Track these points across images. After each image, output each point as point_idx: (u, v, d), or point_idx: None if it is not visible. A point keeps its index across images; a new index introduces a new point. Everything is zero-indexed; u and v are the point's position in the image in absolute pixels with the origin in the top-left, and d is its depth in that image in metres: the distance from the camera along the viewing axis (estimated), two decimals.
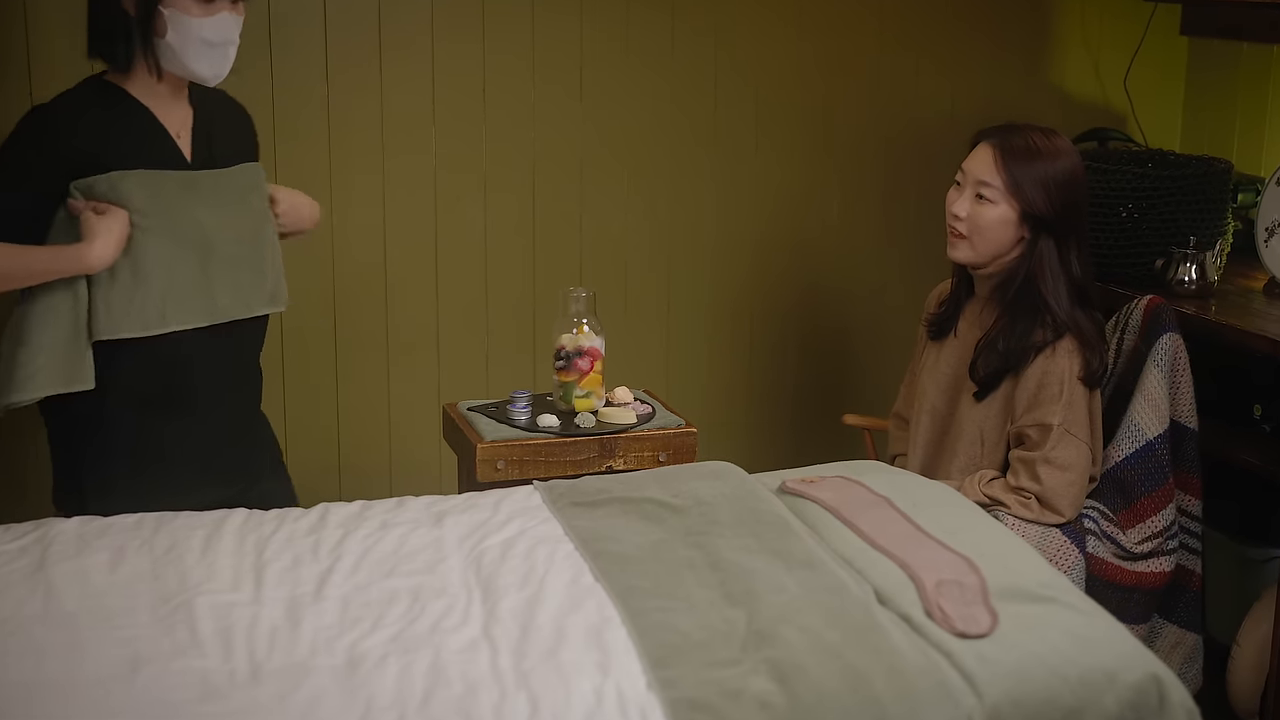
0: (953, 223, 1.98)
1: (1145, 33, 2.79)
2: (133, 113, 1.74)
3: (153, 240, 1.70)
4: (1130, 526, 1.98)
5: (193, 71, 1.72)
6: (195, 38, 1.68)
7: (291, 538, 1.59)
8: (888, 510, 1.63)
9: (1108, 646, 1.38)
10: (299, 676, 1.29)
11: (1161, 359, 1.99)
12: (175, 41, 1.68)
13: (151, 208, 1.70)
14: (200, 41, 1.69)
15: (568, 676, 1.29)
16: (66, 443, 1.79)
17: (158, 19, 1.68)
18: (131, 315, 1.70)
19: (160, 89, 1.75)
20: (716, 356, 2.75)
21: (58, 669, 1.30)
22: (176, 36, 1.68)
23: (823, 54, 2.69)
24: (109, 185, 1.69)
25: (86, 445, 1.76)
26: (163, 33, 1.68)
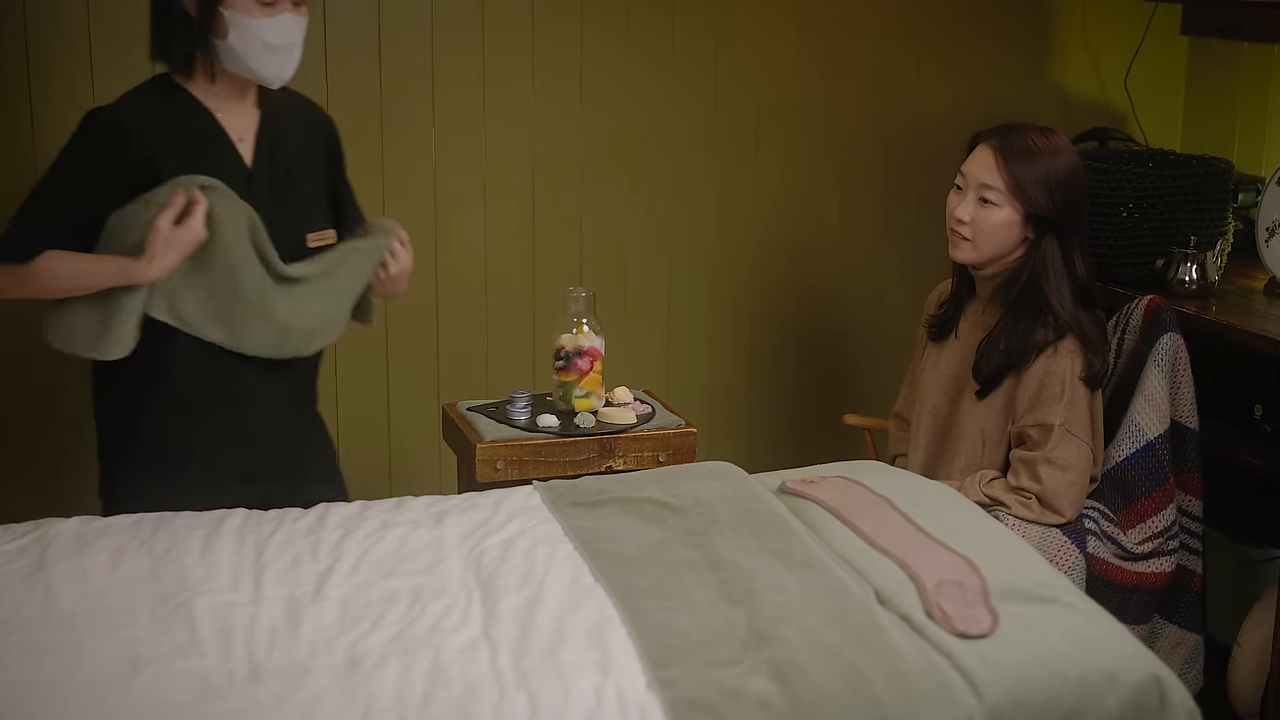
0: (956, 227, 1.97)
1: (1146, 32, 2.79)
2: (193, 114, 1.70)
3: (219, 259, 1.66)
4: (1131, 527, 1.97)
5: (255, 73, 1.68)
6: (257, 40, 1.65)
7: (291, 538, 1.59)
8: (888, 510, 1.63)
9: (1108, 647, 1.38)
10: (299, 677, 1.29)
11: (1162, 359, 1.99)
12: (237, 43, 1.65)
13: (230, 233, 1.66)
14: (262, 44, 1.65)
15: (567, 677, 1.29)
16: (111, 431, 1.77)
17: (218, 21, 1.64)
18: (188, 310, 1.66)
19: (223, 91, 1.71)
20: (716, 357, 2.75)
21: (57, 669, 1.30)
22: (238, 38, 1.64)
23: (823, 55, 2.69)
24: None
25: (130, 435, 1.74)
26: (224, 35, 1.65)
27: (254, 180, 1.74)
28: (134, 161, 1.66)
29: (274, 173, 1.75)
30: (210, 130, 1.71)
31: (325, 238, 1.80)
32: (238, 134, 1.73)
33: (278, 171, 1.76)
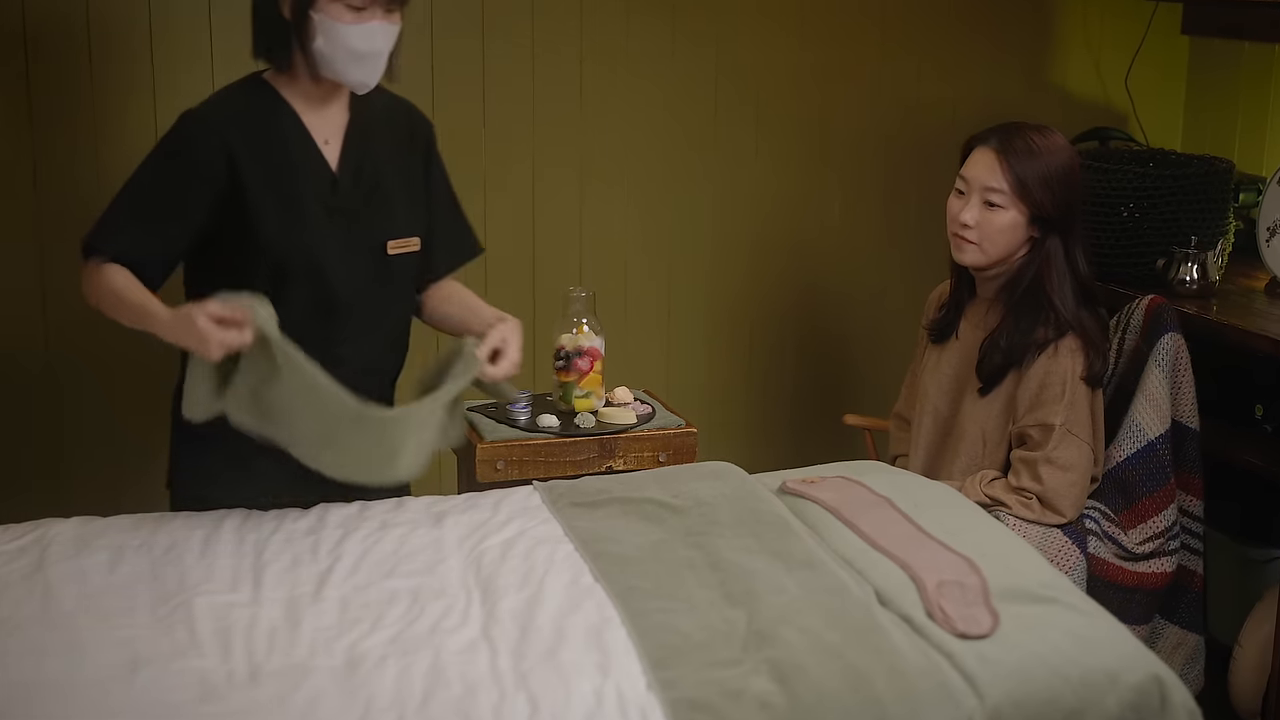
0: (961, 231, 1.96)
1: (1146, 32, 2.78)
2: (278, 115, 1.69)
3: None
4: (1132, 527, 1.97)
5: (342, 78, 1.66)
6: (343, 46, 1.62)
7: (290, 538, 1.58)
8: (888, 511, 1.62)
9: (1109, 647, 1.38)
10: (298, 677, 1.29)
11: (1163, 359, 1.99)
12: (324, 48, 1.63)
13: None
14: (347, 50, 1.62)
15: (567, 677, 1.29)
16: (178, 425, 1.75)
17: (308, 24, 1.63)
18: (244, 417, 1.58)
19: (314, 92, 1.69)
20: (716, 357, 2.75)
21: (57, 669, 1.29)
22: (325, 43, 1.63)
23: (823, 56, 2.69)
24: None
25: (192, 432, 1.70)
26: (312, 38, 1.63)
27: (338, 183, 1.71)
28: (214, 161, 1.64)
29: (359, 177, 1.72)
30: (294, 132, 1.69)
31: (408, 245, 1.76)
32: (324, 136, 1.71)
33: (364, 175, 1.72)
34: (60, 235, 2.36)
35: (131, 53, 2.29)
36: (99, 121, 2.33)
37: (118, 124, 2.35)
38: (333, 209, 1.70)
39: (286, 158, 1.68)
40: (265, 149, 1.67)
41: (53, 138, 2.31)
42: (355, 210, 1.71)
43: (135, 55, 2.29)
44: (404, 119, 1.81)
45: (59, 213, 2.34)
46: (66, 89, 2.28)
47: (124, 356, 2.41)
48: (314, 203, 1.69)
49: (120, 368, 2.41)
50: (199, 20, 2.27)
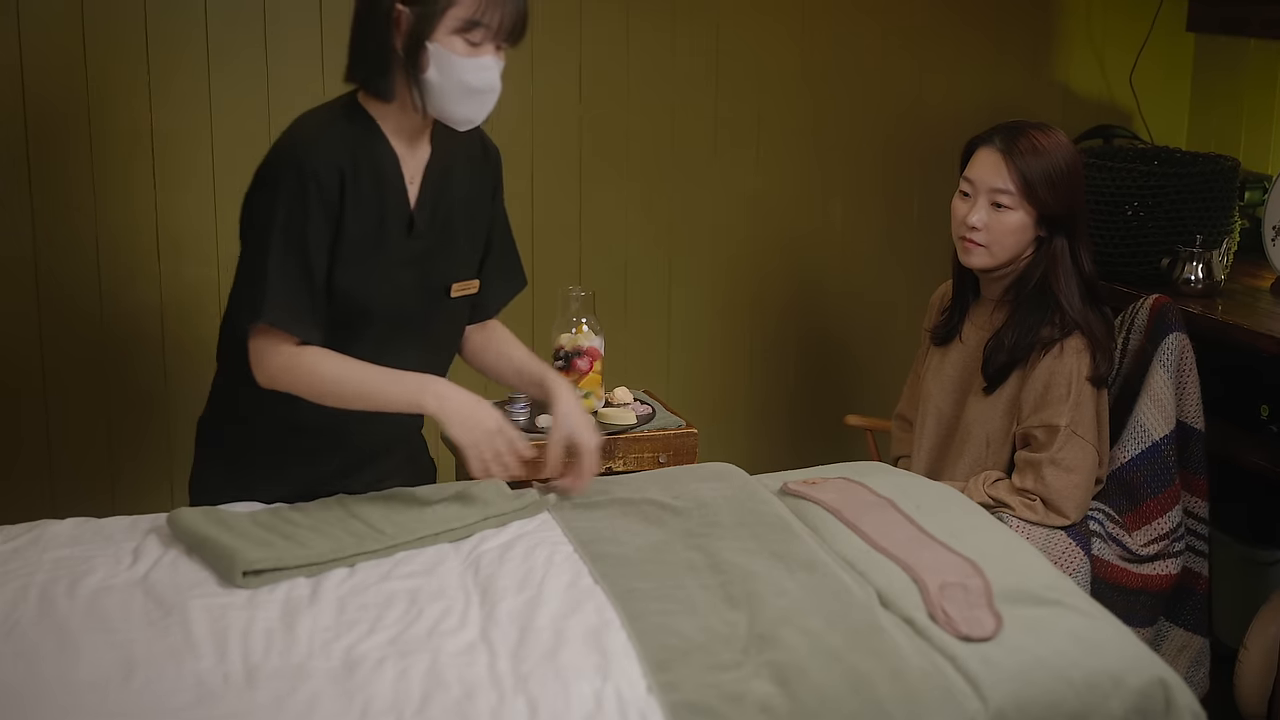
0: (968, 234, 1.94)
1: (1151, 29, 2.77)
2: (380, 152, 1.60)
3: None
4: (1136, 528, 1.96)
5: (449, 114, 1.58)
6: (457, 79, 1.54)
7: None
8: (890, 512, 1.61)
9: (1113, 650, 1.37)
10: (295, 680, 1.28)
11: (1167, 359, 1.98)
12: (436, 80, 1.55)
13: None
14: (461, 84, 1.55)
15: (567, 680, 1.28)
16: (222, 427, 1.72)
17: (423, 55, 1.54)
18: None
19: (409, 126, 1.61)
20: (717, 357, 2.74)
21: (52, 672, 1.29)
22: (438, 76, 1.54)
23: (824, 54, 2.68)
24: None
25: (240, 441, 1.70)
26: (425, 69, 1.55)
27: (414, 224, 1.63)
28: (335, 194, 1.56)
29: (434, 217, 1.65)
30: (390, 169, 1.61)
31: (469, 287, 1.71)
32: (410, 173, 1.63)
33: (438, 216, 1.65)
34: (59, 234, 2.36)
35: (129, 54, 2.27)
36: (95, 118, 2.33)
37: (111, 123, 2.34)
38: (406, 250, 1.63)
39: (379, 195, 1.60)
40: (367, 185, 1.59)
41: (47, 135, 2.31)
42: (427, 251, 1.65)
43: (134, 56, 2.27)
44: (480, 150, 1.73)
45: (57, 210, 2.34)
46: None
47: (120, 356, 2.41)
48: (391, 243, 1.62)
49: (116, 368, 2.41)
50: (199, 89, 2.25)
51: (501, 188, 1.78)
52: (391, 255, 1.62)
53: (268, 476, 1.68)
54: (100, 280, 2.36)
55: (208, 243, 2.40)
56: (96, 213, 2.34)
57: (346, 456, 1.71)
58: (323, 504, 1.62)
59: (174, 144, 2.36)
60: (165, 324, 2.41)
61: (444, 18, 1.53)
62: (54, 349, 2.37)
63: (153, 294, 2.39)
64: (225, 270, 2.43)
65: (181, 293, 2.41)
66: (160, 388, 2.43)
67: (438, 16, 1.53)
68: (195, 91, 2.35)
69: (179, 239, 2.39)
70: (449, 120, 1.60)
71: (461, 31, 1.54)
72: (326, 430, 1.67)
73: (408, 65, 1.56)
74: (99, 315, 2.37)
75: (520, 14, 1.57)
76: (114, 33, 2.28)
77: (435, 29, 1.53)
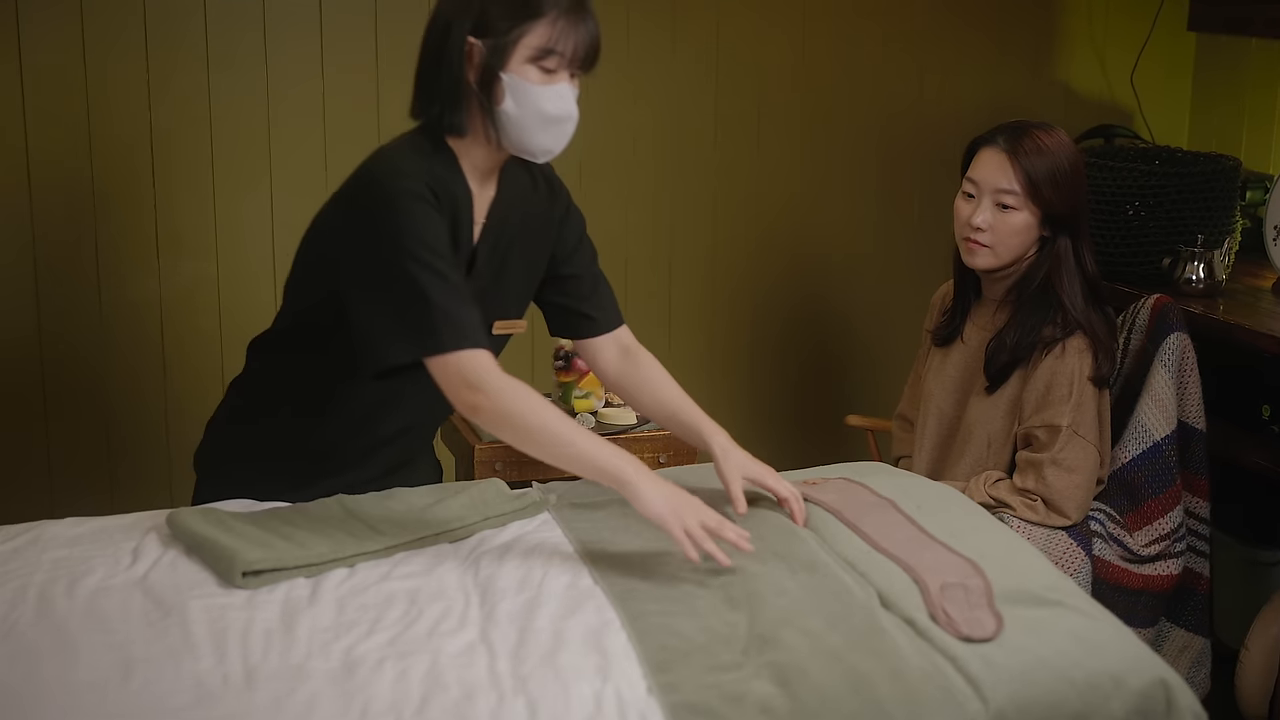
0: (973, 234, 1.94)
1: (1152, 28, 2.77)
2: (457, 182, 1.55)
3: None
4: (1137, 529, 1.96)
5: (527, 145, 1.54)
6: (534, 109, 1.50)
7: None
8: (891, 513, 1.61)
9: (1114, 650, 1.36)
10: (294, 680, 1.28)
11: (1169, 359, 1.97)
12: (512, 111, 1.50)
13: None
14: (538, 113, 1.51)
15: (566, 681, 1.28)
16: (244, 427, 1.70)
17: (497, 86, 1.50)
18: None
19: (487, 161, 1.57)
20: (717, 357, 2.74)
21: (51, 673, 1.28)
22: (515, 107, 1.50)
23: (824, 53, 2.68)
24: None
25: (261, 438, 1.68)
26: (500, 100, 1.51)
27: (475, 262, 1.60)
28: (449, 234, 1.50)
29: (492, 255, 1.62)
30: (465, 207, 1.56)
31: (513, 327, 1.68)
32: (478, 212, 1.59)
33: (495, 254, 1.62)
34: (58, 232, 2.35)
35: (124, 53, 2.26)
36: (94, 118, 2.33)
37: (110, 121, 2.34)
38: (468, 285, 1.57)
39: (457, 237, 1.56)
40: (447, 216, 1.54)
41: (47, 134, 2.31)
42: (481, 290, 1.61)
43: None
44: (541, 188, 1.69)
45: (56, 208, 2.33)
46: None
47: (118, 355, 2.41)
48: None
49: (115, 365, 2.41)
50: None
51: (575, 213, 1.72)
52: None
53: (276, 483, 1.66)
54: (99, 277, 2.36)
55: (207, 239, 2.40)
56: (95, 210, 2.34)
57: (364, 473, 1.69)
58: (322, 504, 1.62)
59: (173, 141, 2.36)
60: (165, 320, 2.41)
61: (517, 47, 1.49)
62: (53, 346, 2.36)
63: (152, 290, 2.39)
64: (224, 267, 2.42)
65: (181, 289, 2.41)
66: (159, 385, 2.43)
67: (511, 47, 1.49)
68: (194, 88, 2.35)
69: (178, 235, 2.39)
70: (527, 152, 1.55)
71: (535, 60, 1.50)
72: (352, 452, 1.66)
73: (482, 98, 1.52)
74: (98, 312, 2.37)
75: (594, 40, 1.54)
76: (113, 31, 2.28)
77: (509, 59, 1.50)
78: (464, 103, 1.53)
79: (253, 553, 1.46)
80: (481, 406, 1.45)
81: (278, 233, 2.43)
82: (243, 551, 1.45)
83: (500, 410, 1.45)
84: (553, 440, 1.46)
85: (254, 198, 2.41)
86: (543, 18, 1.50)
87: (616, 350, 1.75)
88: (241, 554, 1.45)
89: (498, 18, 1.49)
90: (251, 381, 1.72)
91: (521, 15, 1.49)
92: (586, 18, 1.53)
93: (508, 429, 1.47)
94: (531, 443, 1.47)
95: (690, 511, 1.45)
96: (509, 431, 1.47)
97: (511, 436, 1.48)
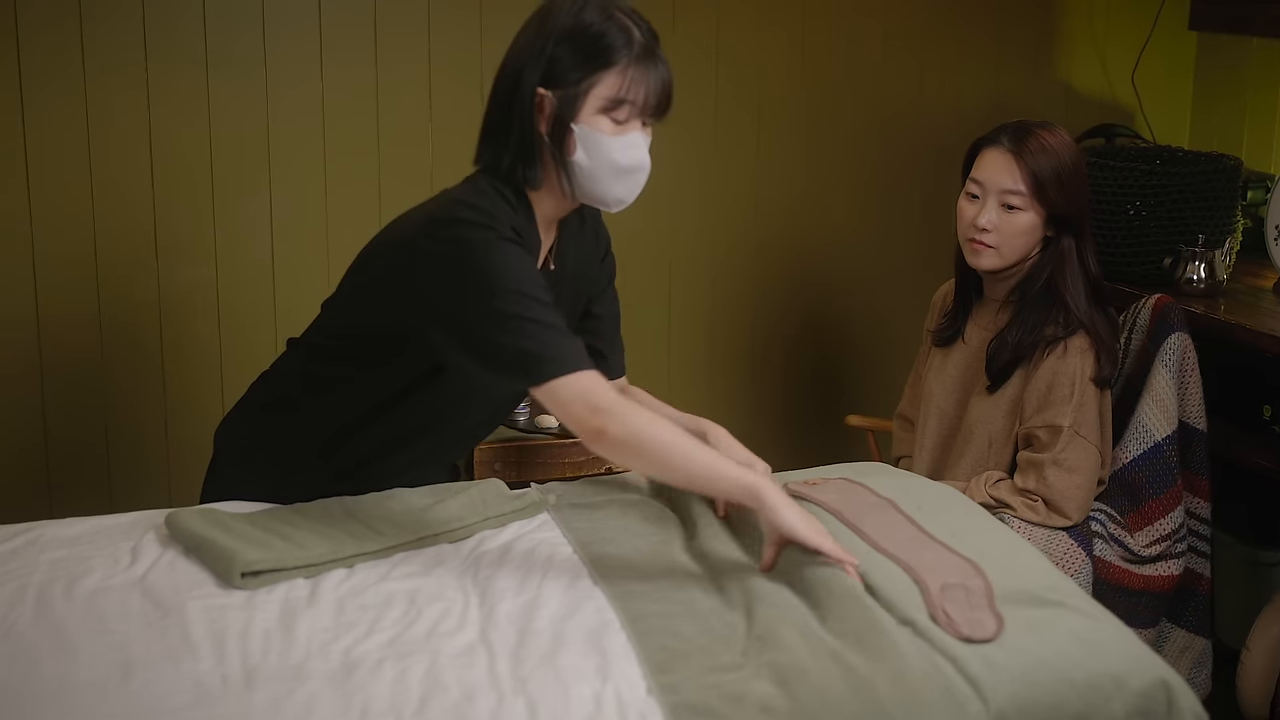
0: (978, 235, 1.93)
1: (1153, 28, 2.77)
2: (530, 229, 1.53)
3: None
4: (1138, 529, 1.95)
5: (600, 196, 1.53)
6: (605, 159, 1.49)
7: None
8: (891, 513, 1.61)
9: (1115, 651, 1.36)
10: (293, 681, 1.28)
11: (1170, 359, 1.97)
12: (584, 162, 1.49)
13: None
14: (610, 164, 1.49)
15: (566, 682, 1.28)
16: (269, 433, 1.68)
17: (569, 138, 1.49)
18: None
19: (557, 210, 1.56)
20: (717, 357, 2.73)
21: (50, 673, 1.28)
22: (586, 158, 1.49)
23: (825, 53, 2.67)
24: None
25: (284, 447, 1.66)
26: (572, 152, 1.50)
27: None
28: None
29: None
30: (534, 253, 1.55)
31: None
32: (542, 257, 1.59)
33: (551, 295, 1.56)
34: (56, 234, 2.35)
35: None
36: (92, 117, 2.33)
37: (108, 122, 2.34)
38: None
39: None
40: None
41: (45, 134, 2.30)
42: None
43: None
44: (589, 234, 1.68)
45: (55, 210, 2.33)
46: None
47: (117, 357, 2.41)
48: None
49: (114, 367, 2.40)
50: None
51: (610, 258, 1.72)
52: None
53: (288, 488, 1.64)
54: (98, 279, 2.36)
55: (205, 242, 2.40)
56: (94, 212, 2.34)
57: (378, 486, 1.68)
58: (321, 504, 1.62)
59: (172, 143, 2.35)
60: (163, 323, 2.41)
61: (588, 98, 1.48)
62: (52, 348, 2.36)
63: (150, 293, 2.39)
64: (223, 269, 2.42)
65: (179, 292, 2.41)
66: (158, 387, 2.42)
67: (581, 97, 1.48)
68: (193, 91, 2.34)
69: (176, 238, 2.39)
70: (600, 202, 1.55)
71: (607, 111, 1.48)
72: (374, 474, 1.64)
73: (553, 149, 1.50)
74: (96, 314, 2.37)
75: (665, 87, 1.51)
76: (111, 32, 2.28)
77: (580, 110, 1.48)
78: (537, 155, 1.51)
79: (252, 553, 1.46)
80: (608, 430, 1.41)
81: (277, 235, 2.43)
82: (242, 552, 1.45)
83: (627, 432, 1.41)
84: (683, 459, 1.43)
85: (253, 200, 2.41)
86: (614, 67, 1.47)
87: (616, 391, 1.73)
88: (240, 554, 1.45)
89: (569, 68, 1.47)
90: (280, 382, 1.70)
91: (592, 65, 1.47)
92: (658, 64, 1.50)
93: (632, 451, 1.43)
94: (658, 464, 1.44)
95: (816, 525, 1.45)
96: (633, 454, 1.43)
97: (635, 459, 1.44)
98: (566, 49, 1.48)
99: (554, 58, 1.48)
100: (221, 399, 2.39)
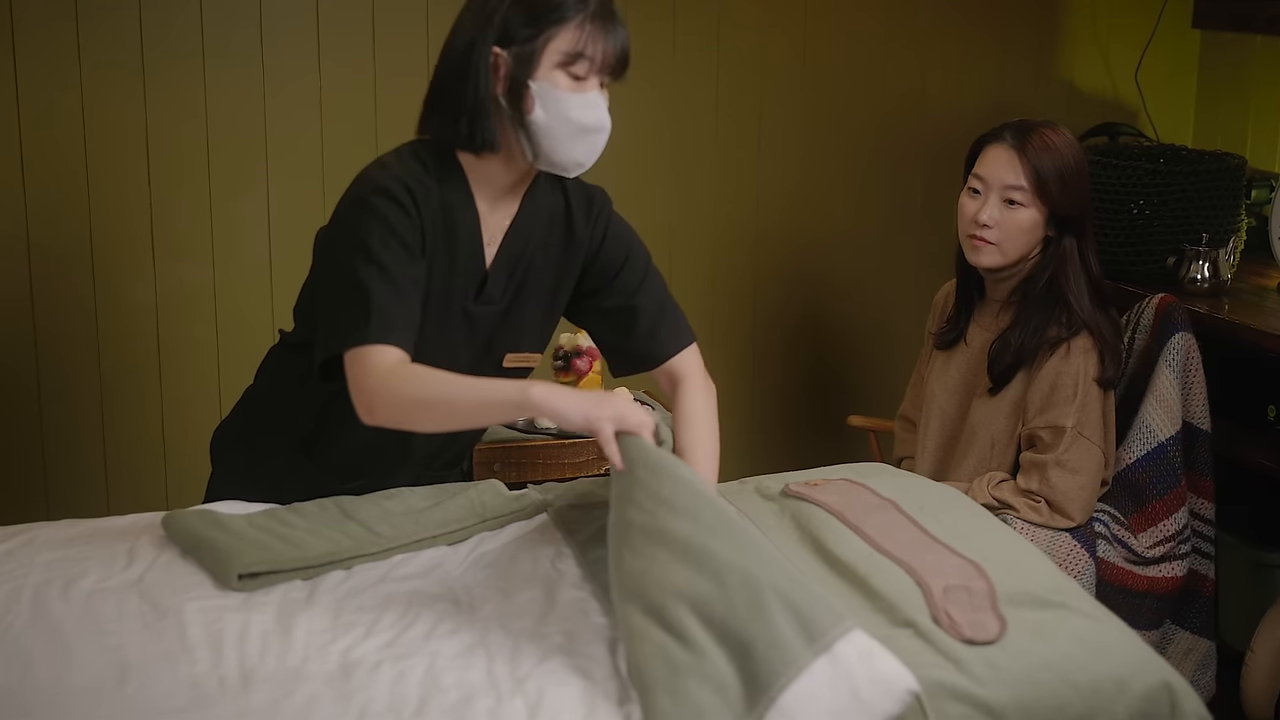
0: (980, 232, 1.92)
1: (1156, 26, 2.76)
2: (458, 199, 1.50)
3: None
4: (1142, 530, 1.94)
5: (559, 158, 1.48)
6: (563, 117, 1.45)
7: None
8: (893, 514, 1.60)
9: (1118, 653, 1.35)
10: (291, 683, 1.27)
11: (1173, 359, 1.96)
12: (543, 120, 1.45)
13: None
14: (568, 122, 1.46)
15: (565, 683, 1.27)
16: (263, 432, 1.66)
17: (526, 95, 1.45)
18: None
19: (501, 180, 1.51)
20: (718, 357, 2.72)
21: (45, 675, 1.27)
22: (545, 115, 1.45)
23: (826, 51, 2.67)
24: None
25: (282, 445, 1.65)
26: (530, 110, 1.45)
27: (485, 288, 1.55)
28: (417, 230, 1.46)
29: (507, 283, 1.56)
30: (468, 230, 1.51)
31: (528, 360, 1.62)
32: (491, 234, 1.53)
33: (510, 282, 1.56)
34: (54, 233, 2.35)
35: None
36: (89, 117, 2.32)
37: (105, 121, 2.33)
38: (470, 314, 1.55)
39: (454, 255, 1.51)
40: (442, 241, 1.50)
41: (42, 134, 2.30)
42: (490, 318, 1.57)
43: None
44: (573, 212, 1.60)
45: (52, 209, 2.32)
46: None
47: (115, 356, 2.40)
48: (458, 306, 1.54)
49: (110, 367, 2.40)
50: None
51: (615, 226, 1.63)
52: (453, 314, 1.53)
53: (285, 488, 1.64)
54: (94, 279, 2.35)
55: (203, 242, 2.39)
56: (91, 212, 2.33)
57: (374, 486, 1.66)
58: (319, 505, 1.61)
59: (169, 142, 2.35)
60: (160, 323, 2.40)
61: (545, 53, 1.45)
62: (48, 348, 2.35)
63: (147, 293, 2.38)
64: (220, 269, 2.42)
65: (176, 292, 2.40)
66: (155, 388, 2.42)
67: (538, 54, 1.45)
68: (190, 89, 2.34)
69: (174, 238, 2.38)
70: (558, 165, 1.50)
71: (564, 65, 1.46)
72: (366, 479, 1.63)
73: (511, 110, 1.47)
74: (93, 314, 2.36)
75: (623, 47, 1.49)
76: (109, 30, 2.27)
77: (537, 66, 1.45)
78: (494, 118, 1.48)
79: (249, 555, 1.45)
80: (376, 410, 1.39)
81: (275, 235, 2.42)
82: (239, 553, 1.45)
83: (391, 404, 1.38)
84: (448, 408, 1.38)
85: (250, 199, 2.41)
86: (569, 22, 1.45)
87: (668, 383, 1.67)
88: (238, 556, 1.44)
89: (520, 25, 1.46)
90: (264, 373, 1.69)
91: (546, 20, 1.45)
92: (615, 24, 1.49)
93: (406, 420, 1.40)
94: (434, 422, 1.41)
95: (610, 404, 1.36)
96: (409, 422, 1.40)
97: (413, 425, 1.41)
98: (521, 7, 1.46)
99: (506, 17, 1.46)
100: (220, 399, 2.39)
